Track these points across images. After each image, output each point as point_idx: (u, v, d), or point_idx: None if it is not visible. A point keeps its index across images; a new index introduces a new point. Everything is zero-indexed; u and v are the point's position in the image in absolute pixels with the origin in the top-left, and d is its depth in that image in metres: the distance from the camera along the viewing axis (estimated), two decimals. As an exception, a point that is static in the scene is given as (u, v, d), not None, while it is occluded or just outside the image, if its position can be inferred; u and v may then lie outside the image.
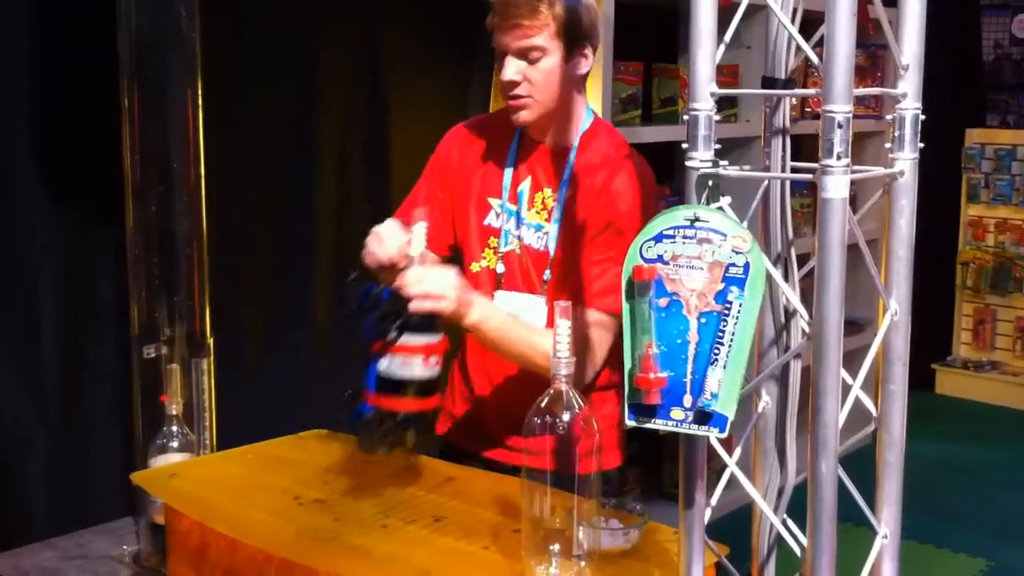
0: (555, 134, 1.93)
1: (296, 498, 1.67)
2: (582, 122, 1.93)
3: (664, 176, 3.47)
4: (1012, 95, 6.39)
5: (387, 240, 1.69)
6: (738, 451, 1.24)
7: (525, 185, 1.94)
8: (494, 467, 1.88)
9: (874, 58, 4.59)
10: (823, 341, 1.05)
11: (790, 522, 1.23)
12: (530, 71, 1.82)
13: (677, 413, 1.11)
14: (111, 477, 2.40)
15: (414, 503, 1.65)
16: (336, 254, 3.16)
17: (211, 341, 2.21)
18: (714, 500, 1.23)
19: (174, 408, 2.02)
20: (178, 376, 2.04)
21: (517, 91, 1.84)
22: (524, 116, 1.87)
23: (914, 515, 1.42)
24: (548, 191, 1.92)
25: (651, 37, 3.82)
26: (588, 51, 1.87)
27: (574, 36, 1.83)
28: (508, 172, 1.95)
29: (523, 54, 1.82)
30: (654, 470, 3.89)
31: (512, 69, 1.83)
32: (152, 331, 2.17)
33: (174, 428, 2.01)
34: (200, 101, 2.21)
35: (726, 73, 3.57)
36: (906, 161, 1.16)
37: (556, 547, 1.36)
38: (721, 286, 1.10)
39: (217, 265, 2.29)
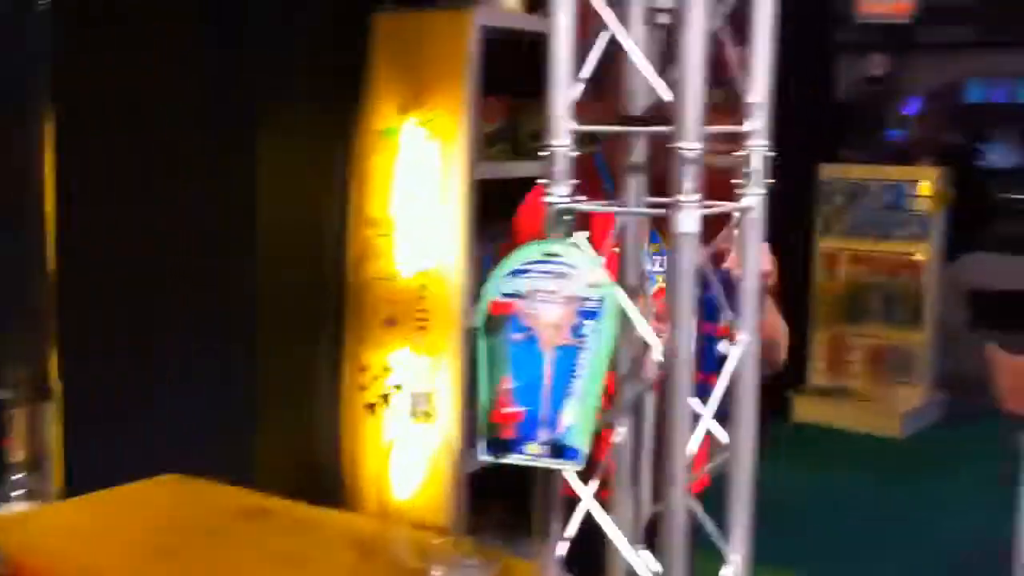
0: None
1: (148, 545, 1.61)
2: None
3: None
4: (866, 132, 6.71)
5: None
6: (594, 484, 1.24)
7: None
8: None
9: (736, 96, 4.75)
10: (674, 372, 1.07)
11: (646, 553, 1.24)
12: None
13: (533, 448, 1.11)
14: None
15: (269, 546, 1.61)
16: (197, 292, 3.07)
17: (58, 385, 2.12)
18: (570, 532, 1.23)
19: (19, 455, 1.93)
20: (21, 421, 1.95)
21: None
22: None
23: (770, 540, 1.45)
24: None
25: (519, 69, 3.85)
26: None
27: None
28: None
29: None
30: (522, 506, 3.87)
31: None
32: (-6, 374, 2.07)
33: (18, 476, 1.92)
34: (52, 127, 2.12)
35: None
36: (754, 197, 1.19)
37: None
38: (576, 320, 1.11)
39: (69, 303, 2.19)
